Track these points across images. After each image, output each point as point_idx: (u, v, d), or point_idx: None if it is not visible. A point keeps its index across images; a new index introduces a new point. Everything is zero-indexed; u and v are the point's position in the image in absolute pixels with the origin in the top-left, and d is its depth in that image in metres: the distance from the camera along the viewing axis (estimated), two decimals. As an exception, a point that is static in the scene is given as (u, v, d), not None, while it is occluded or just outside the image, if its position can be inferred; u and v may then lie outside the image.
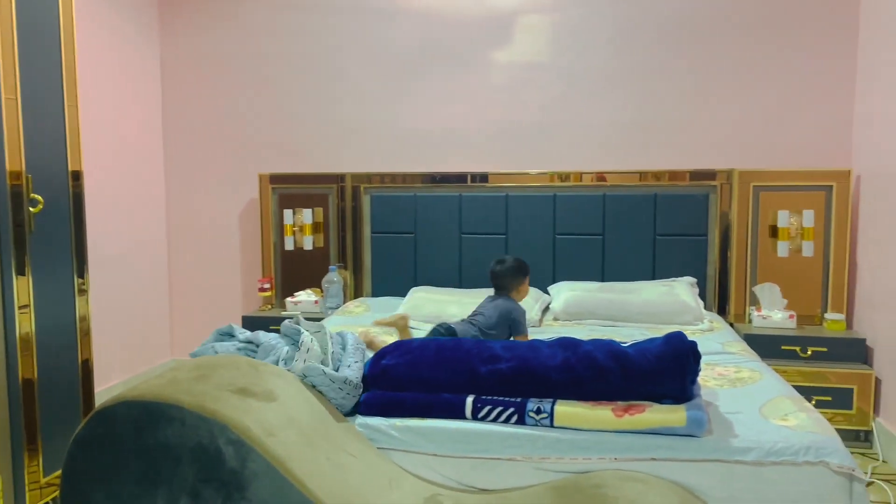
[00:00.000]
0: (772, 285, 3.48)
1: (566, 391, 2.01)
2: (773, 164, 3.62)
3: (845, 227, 3.46)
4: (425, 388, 2.09)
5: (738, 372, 2.54)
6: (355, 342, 2.22)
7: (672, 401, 1.98)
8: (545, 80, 3.85)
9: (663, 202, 3.68)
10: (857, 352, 3.27)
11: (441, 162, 3.96)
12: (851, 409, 3.21)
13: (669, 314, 3.32)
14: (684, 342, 1.99)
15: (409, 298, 3.60)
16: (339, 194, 3.98)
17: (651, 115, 3.77)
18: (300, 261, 4.06)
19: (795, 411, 2.05)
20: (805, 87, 3.60)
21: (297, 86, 4.08)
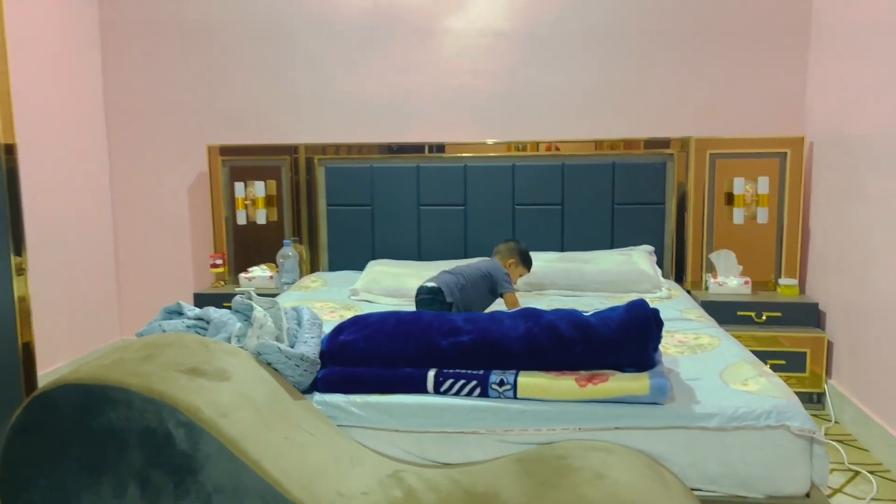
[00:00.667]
0: (727, 252, 3.51)
1: (529, 362, 1.97)
2: (729, 132, 3.63)
3: (799, 193, 3.50)
4: (385, 363, 2.03)
5: (698, 338, 2.55)
6: (311, 317, 2.15)
7: (635, 369, 1.96)
8: (502, 48, 3.78)
9: (621, 171, 3.67)
10: (809, 316, 3.33)
11: (397, 132, 3.87)
12: (805, 372, 3.27)
13: (627, 283, 3.32)
14: (646, 310, 1.97)
15: (367, 272, 3.52)
16: (293, 166, 3.86)
17: (608, 84, 3.74)
18: (253, 235, 3.94)
19: (755, 376, 2.06)
20: (759, 53, 3.61)
21: (248, 53, 3.92)
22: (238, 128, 3.98)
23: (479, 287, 2.80)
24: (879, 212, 2.89)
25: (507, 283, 2.82)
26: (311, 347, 1.99)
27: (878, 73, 2.87)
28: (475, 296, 2.79)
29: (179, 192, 4.07)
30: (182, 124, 4.02)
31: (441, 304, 2.67)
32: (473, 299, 2.79)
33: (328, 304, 3.21)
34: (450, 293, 2.70)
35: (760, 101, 3.63)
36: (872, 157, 2.95)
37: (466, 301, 2.75)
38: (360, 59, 3.86)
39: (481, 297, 2.83)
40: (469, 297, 2.76)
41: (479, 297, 2.81)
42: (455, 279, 2.76)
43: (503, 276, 2.83)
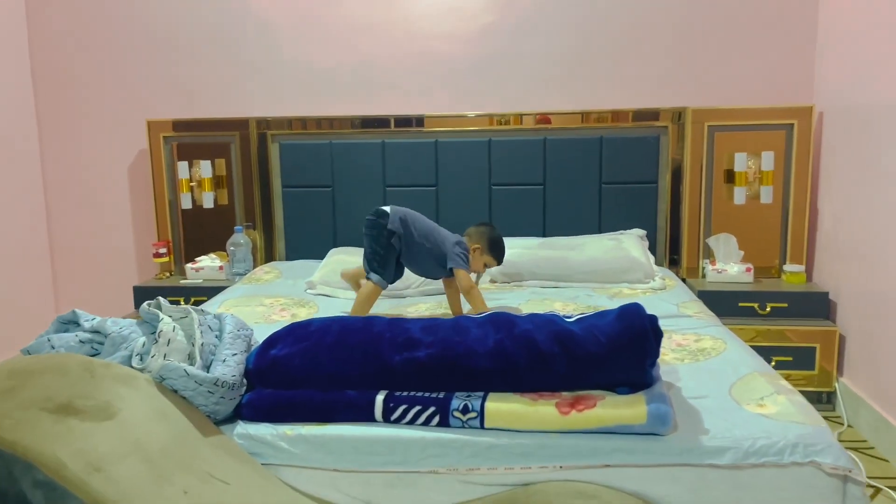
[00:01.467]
0: (727, 236, 3.16)
1: (500, 382, 1.61)
2: (729, 102, 3.26)
3: (806, 169, 3.14)
4: (324, 383, 1.67)
5: (699, 340, 2.20)
6: (236, 327, 1.77)
7: (628, 388, 1.61)
8: (475, 8, 3.36)
9: (609, 146, 3.29)
10: (819, 307, 3.00)
11: (360, 104, 3.46)
12: (814, 370, 2.94)
13: (617, 272, 2.97)
14: (641, 317, 1.61)
15: (326, 262, 3.14)
16: (243, 143, 3.45)
17: (595, 49, 3.34)
18: (201, 221, 3.54)
19: (772, 393, 1.71)
20: (762, 14, 3.22)
21: (191, 16, 3.48)
22: (182, 100, 3.55)
23: (428, 249, 2.41)
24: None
25: (460, 260, 2.41)
26: (231, 367, 1.61)
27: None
28: (420, 255, 2.42)
29: (118, 172, 3.65)
30: (119, 96, 3.58)
31: (380, 231, 2.37)
32: (418, 258, 2.43)
33: (279, 301, 2.83)
34: (395, 222, 2.37)
35: (764, 68, 3.25)
36: (891, 129, 2.59)
37: (411, 254, 2.42)
38: (316, 22, 3.43)
39: (426, 261, 2.44)
40: (414, 253, 2.41)
41: (424, 259, 2.44)
42: (409, 218, 2.41)
43: (458, 252, 2.42)
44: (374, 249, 2.41)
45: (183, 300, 3.24)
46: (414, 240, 2.40)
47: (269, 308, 2.73)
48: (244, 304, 2.76)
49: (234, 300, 2.83)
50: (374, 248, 2.41)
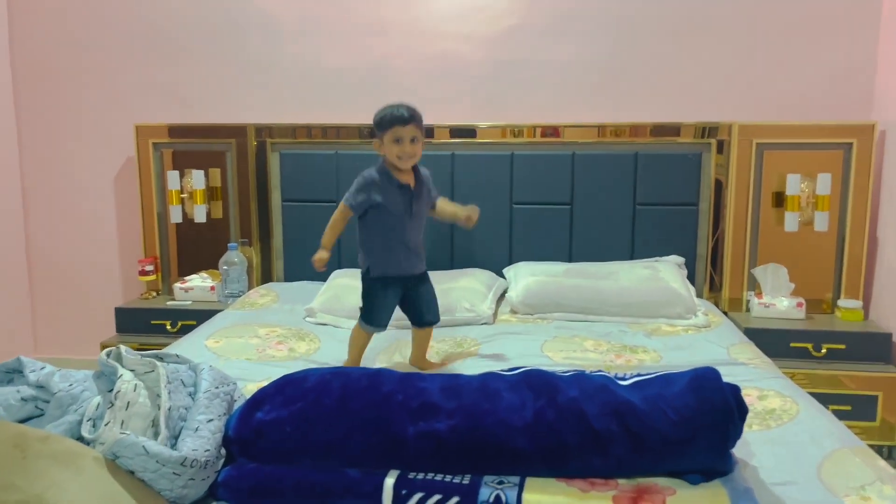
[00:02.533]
0: (777, 266, 2.83)
1: (541, 465, 1.29)
2: (781, 118, 2.93)
3: (866, 194, 2.81)
4: (322, 458, 1.34)
5: (763, 398, 1.87)
6: (214, 383, 1.44)
7: (701, 476, 1.28)
8: (500, 8, 3.05)
9: (646, 163, 2.96)
10: (881, 349, 2.66)
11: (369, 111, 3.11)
12: (875, 421, 2.61)
13: (655, 305, 2.64)
14: (721, 389, 1.29)
15: (330, 285, 2.83)
16: (240, 152, 3.13)
17: (631, 57, 3.01)
18: (193, 236, 3.23)
19: (875, 482, 1.38)
20: (819, 22, 2.90)
21: (186, 14, 3.18)
22: (173, 104, 3.23)
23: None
24: None
25: (349, 195, 2.05)
26: (204, 439, 1.29)
27: None
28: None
29: (102, 181, 3.34)
30: (105, 99, 3.28)
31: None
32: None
33: (276, 331, 2.52)
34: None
35: (819, 81, 2.92)
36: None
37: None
38: (322, 20, 3.12)
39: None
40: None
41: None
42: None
43: (354, 186, 2.03)
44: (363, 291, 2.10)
45: (169, 324, 2.93)
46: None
47: (265, 340, 2.42)
48: (236, 335, 2.45)
49: (225, 329, 2.51)
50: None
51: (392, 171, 2.02)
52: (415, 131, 1.97)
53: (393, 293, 2.09)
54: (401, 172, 2.03)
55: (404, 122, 1.95)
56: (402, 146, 1.96)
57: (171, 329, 2.93)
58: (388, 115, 1.97)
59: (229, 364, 2.15)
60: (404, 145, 1.96)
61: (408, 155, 1.98)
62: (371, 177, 2.02)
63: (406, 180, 2.04)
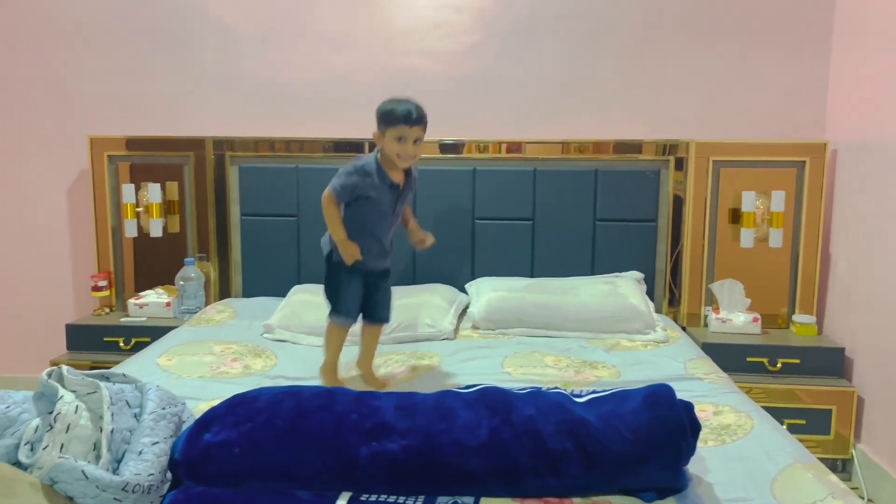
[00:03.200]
0: (733, 282, 2.87)
1: (495, 485, 1.27)
2: (736, 136, 2.98)
3: (819, 211, 2.87)
4: (272, 480, 1.31)
5: (719, 413, 1.88)
6: (161, 404, 1.40)
7: (656, 494, 1.28)
8: (463, 25, 3.06)
9: (605, 180, 2.99)
10: (834, 364, 2.71)
11: (330, 125, 3.12)
12: (829, 435, 2.65)
13: (614, 321, 2.65)
14: (675, 407, 1.29)
15: (289, 301, 2.78)
16: (198, 165, 3.08)
17: (592, 76, 3.05)
18: (148, 251, 3.15)
19: (826, 497, 1.39)
20: (772, 43, 2.97)
21: (142, 24, 3.12)
22: (129, 116, 3.17)
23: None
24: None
25: (336, 184, 1.95)
26: (148, 462, 1.25)
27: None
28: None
29: (55, 195, 3.25)
30: (58, 110, 3.19)
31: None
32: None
33: (231, 347, 2.47)
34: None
35: (773, 101, 2.99)
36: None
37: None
38: (282, 33, 3.10)
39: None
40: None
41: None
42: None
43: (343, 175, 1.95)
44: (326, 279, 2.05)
45: (122, 341, 2.85)
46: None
47: (220, 357, 2.37)
48: (190, 352, 2.39)
49: (180, 346, 2.45)
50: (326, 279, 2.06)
51: (386, 167, 1.97)
52: (419, 133, 1.93)
53: (357, 282, 2.03)
54: (394, 170, 1.98)
55: (411, 123, 1.89)
56: (404, 146, 1.91)
57: (125, 346, 2.85)
58: (396, 111, 1.89)
59: (182, 382, 2.10)
60: (406, 146, 1.91)
61: (409, 156, 1.93)
62: (365, 169, 1.95)
63: (397, 180, 2.00)
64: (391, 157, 1.94)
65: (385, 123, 1.92)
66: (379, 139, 1.96)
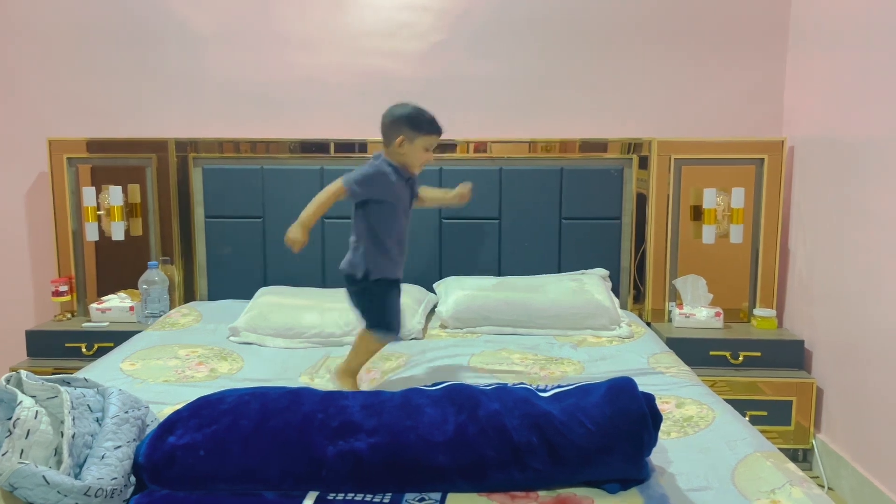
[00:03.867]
0: (696, 277, 2.92)
1: (461, 481, 1.28)
2: (698, 134, 3.04)
3: (777, 207, 2.94)
4: (238, 482, 1.30)
5: (682, 406, 1.92)
6: (124, 408, 1.38)
7: (619, 485, 1.30)
8: (428, 25, 3.07)
9: (571, 178, 3.02)
10: (794, 356, 2.78)
11: (296, 126, 3.11)
12: (790, 425, 2.72)
13: (581, 317, 2.69)
14: (636, 398, 1.31)
15: (255, 303, 2.76)
16: (161, 167, 3.04)
17: (557, 76, 3.08)
18: (111, 255, 3.10)
19: (784, 484, 1.43)
20: (730, 44, 3.03)
21: (102, 24, 3.07)
22: (89, 118, 3.11)
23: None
24: (876, 229, 2.35)
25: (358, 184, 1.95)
26: (111, 467, 1.23)
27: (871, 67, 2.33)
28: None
29: (14, 198, 3.18)
30: (16, 111, 3.13)
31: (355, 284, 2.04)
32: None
33: (196, 351, 2.44)
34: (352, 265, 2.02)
35: (733, 99, 3.06)
36: (865, 165, 2.41)
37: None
38: (247, 33, 3.07)
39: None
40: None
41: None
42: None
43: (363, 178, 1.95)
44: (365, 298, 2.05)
45: (84, 347, 2.80)
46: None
47: (184, 361, 2.34)
48: (154, 357, 2.36)
49: (144, 351, 2.42)
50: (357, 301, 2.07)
51: (402, 167, 2.02)
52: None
53: (397, 295, 2.06)
54: (410, 170, 2.05)
55: (440, 135, 2.02)
56: (428, 155, 2.01)
57: (87, 352, 2.80)
58: (429, 122, 1.98)
59: (146, 387, 2.07)
60: (429, 155, 2.02)
61: (427, 163, 2.05)
62: (385, 170, 1.98)
63: (410, 174, 2.06)
64: (411, 163, 2.01)
65: (415, 130, 1.96)
66: (402, 144, 1.98)
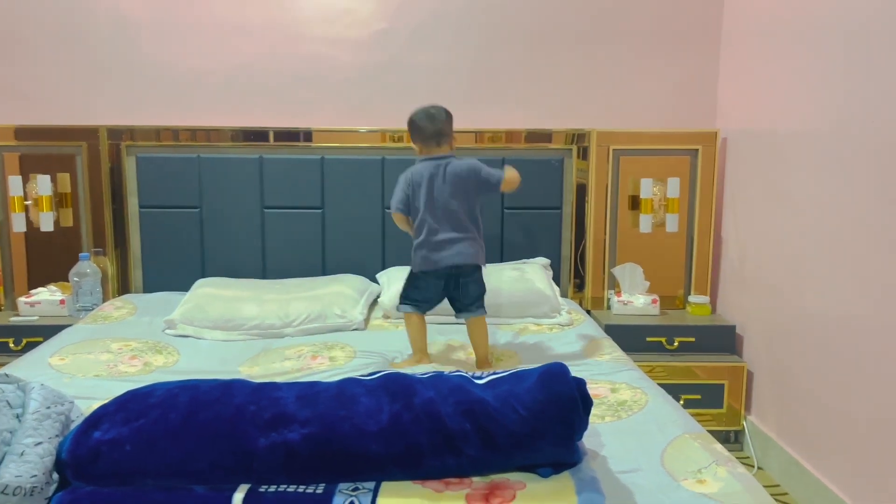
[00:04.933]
0: (633, 266, 2.99)
1: (395, 469, 1.28)
2: (635, 125, 3.10)
3: (711, 197, 3.03)
4: (166, 477, 1.27)
5: (616, 391, 1.96)
6: (45, 403, 1.33)
7: (552, 469, 1.32)
8: (368, 11, 3.04)
9: (512, 168, 3.04)
10: (726, 341, 2.87)
11: (234, 114, 3.04)
12: (722, 408, 2.81)
13: (522, 306, 2.72)
14: (567, 383, 1.33)
15: (192, 295, 2.70)
16: (92, 155, 2.94)
17: (496, 67, 3.09)
18: (40, 246, 2.99)
19: (711, 464, 1.48)
20: (665, 36, 3.09)
21: (32, 8, 2.94)
22: (15, 104, 2.98)
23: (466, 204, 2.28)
24: (803, 218, 2.45)
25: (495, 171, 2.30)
26: (31, 463, 1.19)
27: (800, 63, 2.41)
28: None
29: (-67, 187, 3.03)
30: (-66, 96, 2.98)
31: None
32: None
33: (130, 345, 2.38)
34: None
35: (668, 91, 3.12)
36: (793, 155, 2.51)
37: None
38: (182, 19, 2.99)
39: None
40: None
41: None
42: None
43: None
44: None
45: (12, 342, 2.70)
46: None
47: (117, 355, 2.27)
48: (85, 350, 2.29)
49: (74, 345, 2.34)
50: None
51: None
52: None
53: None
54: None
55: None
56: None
57: (15, 347, 2.69)
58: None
59: (76, 382, 2.01)
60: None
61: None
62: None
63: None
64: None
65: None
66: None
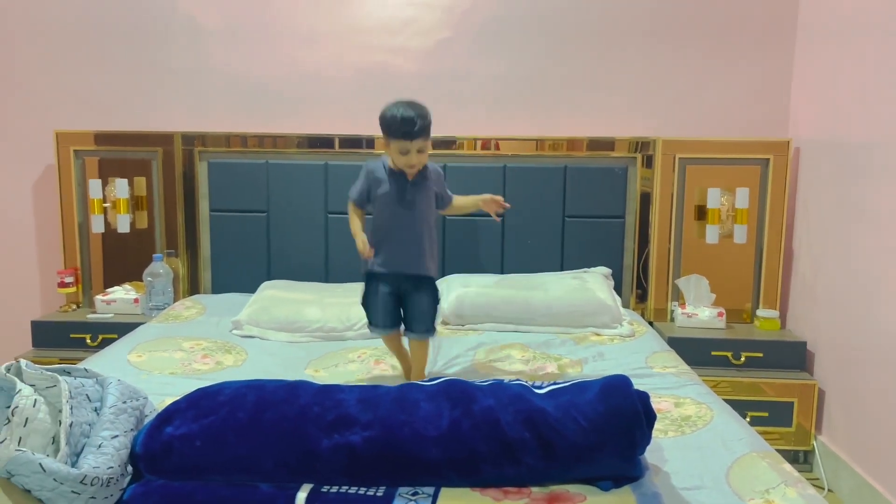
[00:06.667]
0: (699, 277, 2.92)
1: (454, 476, 1.29)
2: (703, 134, 3.03)
3: (782, 208, 2.93)
4: (233, 473, 1.31)
5: (680, 405, 1.92)
6: (122, 398, 1.40)
7: (612, 483, 1.30)
8: (432, 22, 3.07)
9: (574, 176, 3.02)
10: (796, 357, 2.77)
11: (300, 121, 3.12)
12: (791, 427, 2.71)
13: (582, 315, 2.69)
14: (630, 396, 1.31)
15: (258, 297, 2.77)
16: (166, 160, 3.06)
17: (561, 74, 3.07)
18: (116, 247, 3.12)
19: (780, 484, 1.43)
20: (737, 43, 3.02)
21: (108, 16, 3.09)
22: (96, 111, 3.13)
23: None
24: (881, 233, 2.34)
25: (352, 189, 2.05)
26: (108, 456, 1.25)
27: (878, 68, 2.31)
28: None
29: (21, 190, 3.21)
30: (24, 104, 3.15)
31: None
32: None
33: (201, 344, 2.46)
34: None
35: (738, 99, 3.04)
36: (871, 167, 2.40)
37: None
38: (253, 28, 3.08)
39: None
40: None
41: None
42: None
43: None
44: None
45: (89, 338, 2.83)
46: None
47: (190, 354, 2.36)
48: (160, 349, 2.38)
49: (148, 343, 2.44)
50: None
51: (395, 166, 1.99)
52: (421, 144, 1.91)
53: (383, 290, 2.01)
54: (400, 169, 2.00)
55: (411, 138, 1.88)
56: (408, 158, 1.92)
57: (92, 343, 2.82)
58: (396, 126, 1.88)
59: (152, 379, 2.09)
60: (410, 157, 1.92)
61: (412, 165, 1.94)
62: (369, 168, 2.04)
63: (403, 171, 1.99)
64: (400, 165, 1.96)
65: (387, 135, 1.92)
66: (385, 146, 1.96)
